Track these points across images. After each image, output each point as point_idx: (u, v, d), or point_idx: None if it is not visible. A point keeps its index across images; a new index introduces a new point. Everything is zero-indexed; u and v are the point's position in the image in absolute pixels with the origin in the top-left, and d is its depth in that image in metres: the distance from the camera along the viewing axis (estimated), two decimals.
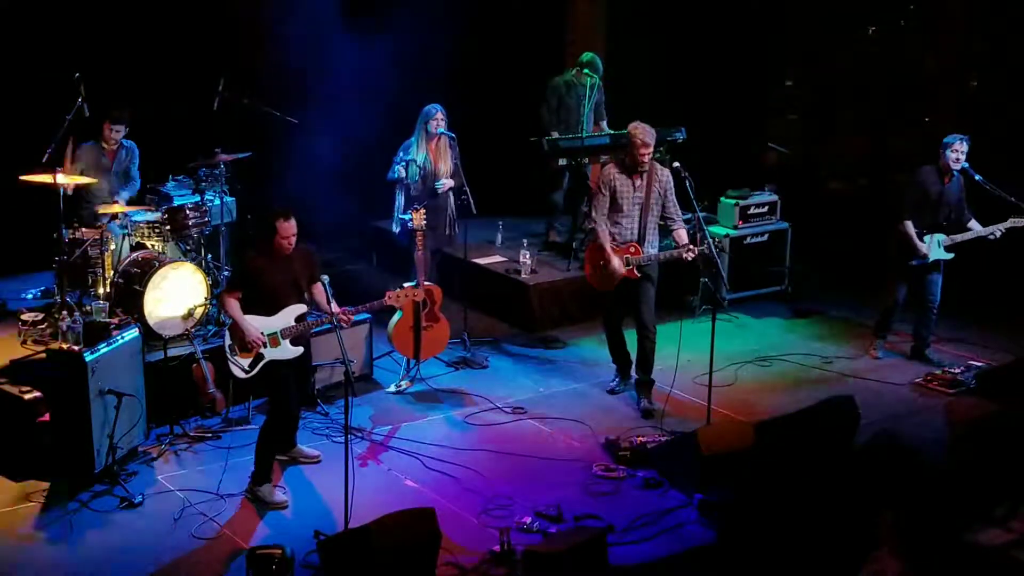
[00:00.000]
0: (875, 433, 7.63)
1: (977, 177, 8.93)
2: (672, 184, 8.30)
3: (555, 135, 10.43)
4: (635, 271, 8.26)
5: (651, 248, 8.30)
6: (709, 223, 10.03)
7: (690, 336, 9.10)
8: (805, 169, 12.47)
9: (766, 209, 10.73)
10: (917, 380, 8.97)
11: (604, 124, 10.65)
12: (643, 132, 8.19)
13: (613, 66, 11.81)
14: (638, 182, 8.26)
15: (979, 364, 9.14)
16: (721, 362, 8.80)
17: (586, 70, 10.44)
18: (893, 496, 6.21)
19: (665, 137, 10.40)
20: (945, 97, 12.11)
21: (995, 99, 11.75)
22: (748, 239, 10.57)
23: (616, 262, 8.22)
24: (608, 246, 8.25)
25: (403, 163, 9.00)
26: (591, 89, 10.47)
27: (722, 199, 10.64)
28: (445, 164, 9.10)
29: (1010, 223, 8.90)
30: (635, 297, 8.34)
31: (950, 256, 9.02)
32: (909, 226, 8.94)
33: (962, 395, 8.72)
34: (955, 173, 8.92)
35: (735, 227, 10.50)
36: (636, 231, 8.27)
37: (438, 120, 9.01)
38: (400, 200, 9.21)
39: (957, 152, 8.81)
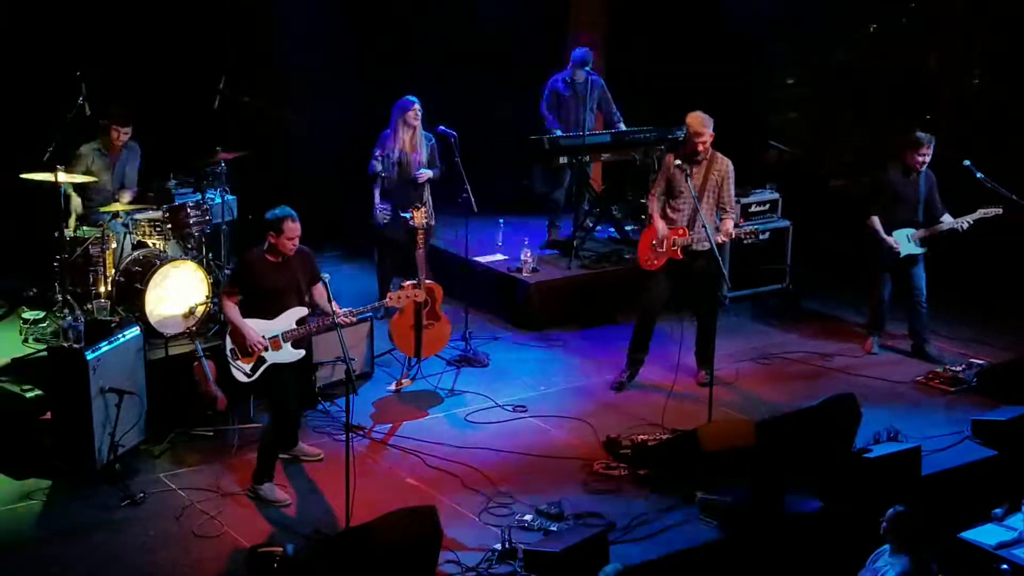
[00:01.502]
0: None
1: (978, 175, 8.96)
2: (732, 175, 8.41)
3: (556, 133, 10.44)
4: (679, 252, 8.36)
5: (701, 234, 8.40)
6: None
7: (691, 334, 9.07)
8: (806, 167, 12.46)
9: (767, 207, 10.75)
10: (919, 378, 8.97)
11: (621, 126, 10.64)
12: (697, 121, 8.29)
13: (614, 64, 11.83)
14: (696, 171, 8.33)
15: (980, 362, 9.14)
16: (722, 360, 8.82)
17: (585, 68, 10.44)
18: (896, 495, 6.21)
19: (666, 135, 10.42)
20: (946, 95, 12.10)
21: (996, 96, 11.74)
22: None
23: (662, 227, 8.38)
24: (656, 218, 8.44)
25: (379, 157, 9.25)
26: (589, 86, 10.47)
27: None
28: (421, 155, 9.29)
29: (979, 214, 8.97)
30: (691, 286, 8.55)
31: (923, 250, 9.08)
32: (875, 221, 9.06)
33: (963, 393, 8.73)
34: (921, 170, 9.01)
35: (736, 225, 10.46)
36: (688, 217, 8.36)
37: (415, 112, 9.24)
38: (376, 192, 9.37)
39: (924, 155, 8.92)
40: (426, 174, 9.34)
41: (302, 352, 7.21)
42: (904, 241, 9.04)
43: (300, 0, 10.70)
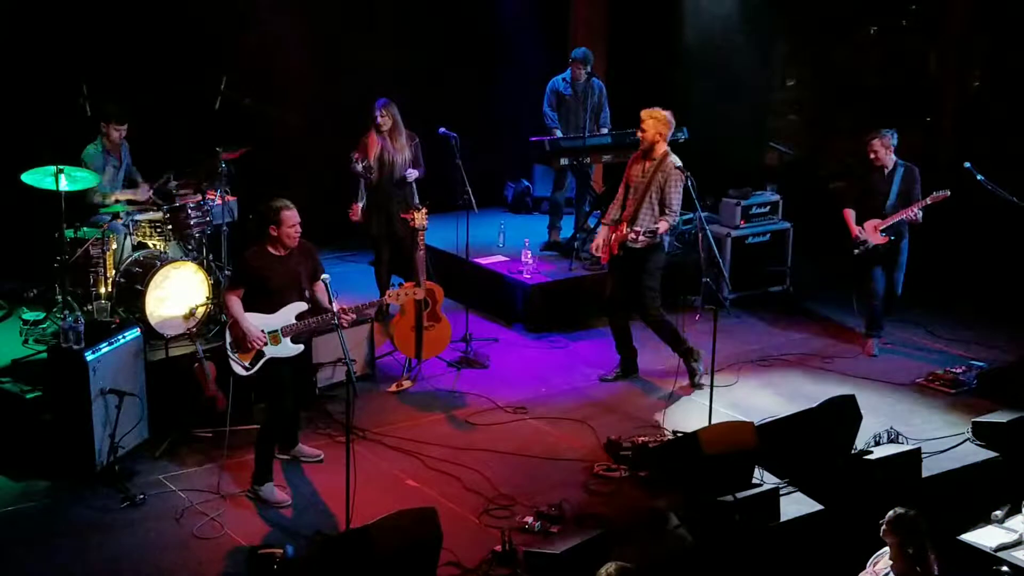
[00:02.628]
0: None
1: (979, 177, 8.97)
2: (674, 181, 8.34)
3: (558, 134, 10.44)
4: (615, 247, 8.48)
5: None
6: (711, 223, 10.03)
7: (691, 336, 9.08)
8: (806, 169, 12.48)
9: (768, 209, 10.76)
10: (919, 380, 8.97)
11: (604, 131, 10.65)
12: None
13: (614, 66, 11.82)
14: (648, 168, 8.37)
15: (981, 364, 9.14)
16: (723, 362, 8.82)
17: (587, 69, 10.44)
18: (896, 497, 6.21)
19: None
20: (947, 96, 12.11)
21: (997, 98, 11.74)
22: (750, 239, 10.58)
23: (598, 237, 8.67)
24: (604, 223, 8.70)
25: (356, 158, 9.31)
26: (589, 87, 10.46)
27: (724, 199, 10.66)
28: (403, 155, 9.33)
29: (930, 199, 9.08)
30: (629, 282, 8.60)
31: (889, 238, 9.18)
32: (847, 213, 9.33)
33: (964, 395, 8.73)
34: (895, 165, 9.22)
35: (737, 227, 10.51)
36: (631, 215, 8.42)
37: (379, 119, 9.27)
38: (361, 188, 9.48)
39: (872, 152, 9.20)
40: (412, 174, 9.35)
41: (301, 347, 7.20)
42: (870, 231, 9.20)
43: (300, 0, 10.72)
